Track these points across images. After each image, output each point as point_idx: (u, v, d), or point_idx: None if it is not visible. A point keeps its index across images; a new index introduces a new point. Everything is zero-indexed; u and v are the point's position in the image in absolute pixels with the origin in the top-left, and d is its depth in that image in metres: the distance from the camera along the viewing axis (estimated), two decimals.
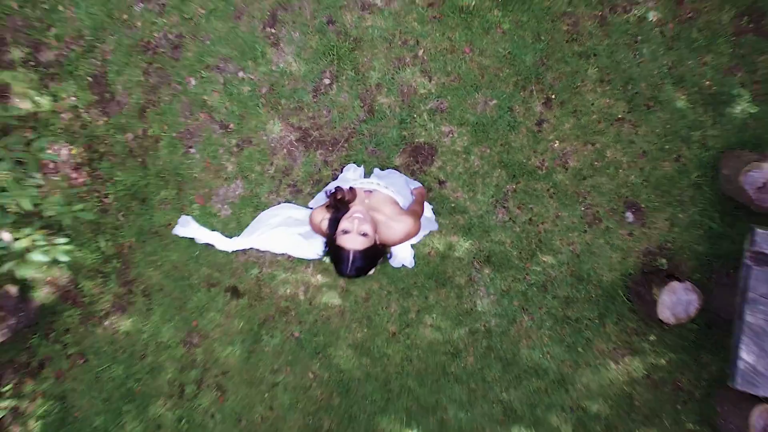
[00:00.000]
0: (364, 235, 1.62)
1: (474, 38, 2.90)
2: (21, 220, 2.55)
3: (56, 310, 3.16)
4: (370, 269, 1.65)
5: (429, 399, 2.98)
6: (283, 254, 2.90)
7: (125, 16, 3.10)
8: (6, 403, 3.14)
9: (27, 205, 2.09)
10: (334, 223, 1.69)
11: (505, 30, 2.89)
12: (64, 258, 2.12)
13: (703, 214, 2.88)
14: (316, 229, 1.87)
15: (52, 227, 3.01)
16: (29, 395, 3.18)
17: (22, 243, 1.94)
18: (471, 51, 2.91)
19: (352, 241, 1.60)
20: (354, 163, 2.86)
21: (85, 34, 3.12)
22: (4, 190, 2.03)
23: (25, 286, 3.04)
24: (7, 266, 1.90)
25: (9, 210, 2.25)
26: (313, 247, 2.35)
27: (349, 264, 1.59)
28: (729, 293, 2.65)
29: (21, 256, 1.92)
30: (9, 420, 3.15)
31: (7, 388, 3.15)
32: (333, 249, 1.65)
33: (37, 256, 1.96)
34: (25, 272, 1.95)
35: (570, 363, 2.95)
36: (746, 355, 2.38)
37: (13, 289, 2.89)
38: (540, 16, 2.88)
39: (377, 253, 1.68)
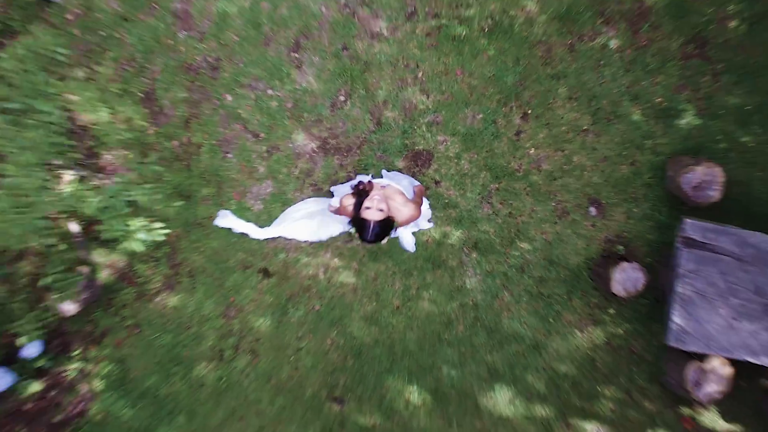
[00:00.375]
0: (381, 210, 2.28)
1: (464, 62, 3.49)
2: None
3: (115, 288, 3.78)
4: (383, 237, 2.31)
5: (426, 360, 3.61)
6: (305, 241, 3.51)
7: (171, 42, 3.69)
8: (75, 365, 3.77)
9: (146, 198, 2.69)
10: (359, 205, 2.34)
11: (490, 55, 3.48)
12: (161, 238, 2.69)
13: (653, 208, 3.48)
14: (343, 211, 2.51)
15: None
16: (93, 359, 3.81)
17: (136, 224, 2.52)
18: (462, 73, 3.50)
19: (373, 214, 2.26)
20: (364, 168, 3.47)
21: (137, 56, 3.71)
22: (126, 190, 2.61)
23: (92, 268, 3.66)
24: (125, 244, 2.48)
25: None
26: (329, 232, 3.02)
27: (370, 231, 2.25)
28: (671, 272, 3.26)
29: (131, 235, 2.51)
30: (78, 379, 3.79)
31: (75, 353, 3.78)
32: (357, 222, 2.31)
33: (141, 235, 2.54)
34: (138, 247, 2.53)
35: (543, 331, 3.57)
36: (677, 319, 3.00)
37: (85, 269, 3.51)
38: (519, 43, 3.46)
39: (389, 225, 2.34)
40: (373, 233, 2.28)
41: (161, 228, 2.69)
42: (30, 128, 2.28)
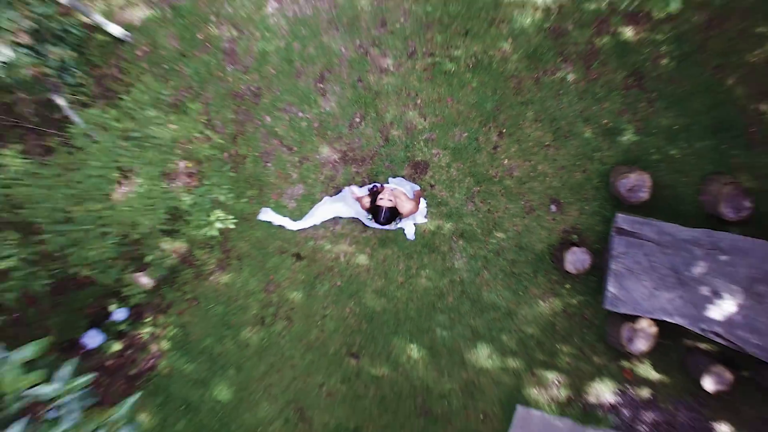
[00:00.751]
0: (390, 200, 3.29)
1: (453, 92, 4.46)
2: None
3: (178, 269, 4.78)
4: (391, 221, 3.33)
5: (423, 324, 4.62)
6: (331, 219, 4.42)
7: (221, 74, 4.66)
8: (147, 330, 4.79)
9: (224, 197, 3.67)
10: (373, 200, 3.38)
11: (474, 87, 4.45)
12: (232, 226, 3.67)
13: (600, 206, 4.47)
14: (362, 206, 3.54)
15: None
16: (161, 325, 4.83)
17: (215, 216, 3.50)
18: (451, 100, 4.47)
19: (384, 203, 3.29)
20: (375, 175, 4.46)
21: (194, 85, 4.69)
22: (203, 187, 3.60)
23: (163, 253, 4.65)
24: (204, 230, 3.45)
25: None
26: (347, 213, 4.04)
27: (382, 214, 3.29)
28: (607, 254, 4.25)
29: (212, 224, 3.49)
30: (149, 341, 4.81)
31: (147, 320, 4.80)
32: (374, 209, 3.36)
33: (218, 224, 3.51)
34: (214, 233, 3.50)
35: (514, 301, 4.58)
36: (611, 288, 4.00)
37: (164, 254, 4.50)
38: (496, 77, 4.43)
39: (395, 213, 3.38)
40: (385, 217, 3.37)
41: (232, 219, 3.66)
42: (148, 149, 3.24)
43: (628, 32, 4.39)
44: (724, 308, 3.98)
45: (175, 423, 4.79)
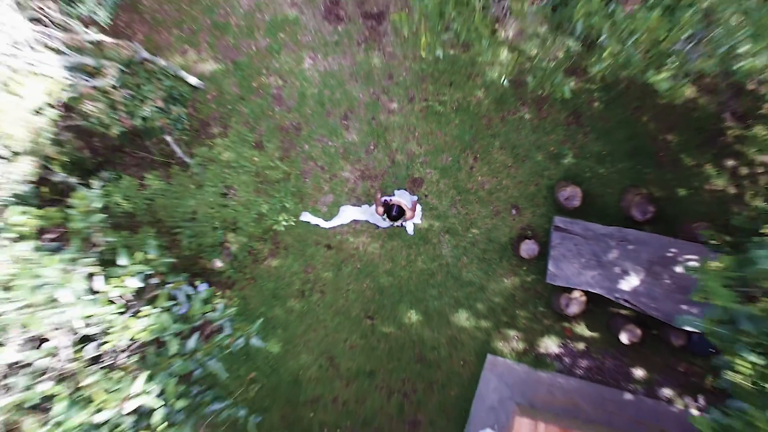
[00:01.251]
0: (398, 203, 5.03)
1: (441, 127, 6.15)
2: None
3: (239, 257, 6.53)
4: (399, 218, 5.07)
5: (420, 296, 6.37)
6: (354, 221, 6.19)
7: (270, 113, 6.36)
8: (218, 302, 6.55)
9: (288, 204, 5.46)
10: (388, 209, 5.10)
11: (456, 123, 6.13)
12: (293, 224, 5.43)
13: (547, 211, 6.17)
14: (379, 213, 5.26)
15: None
16: (227, 297, 6.59)
17: (282, 218, 5.26)
18: (440, 133, 6.16)
19: (395, 202, 5.02)
20: (385, 188, 6.19)
21: (250, 120, 6.39)
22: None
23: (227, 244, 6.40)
24: (275, 226, 5.20)
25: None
26: (366, 217, 5.77)
27: (394, 210, 5.03)
28: (549, 244, 5.97)
29: (279, 223, 5.25)
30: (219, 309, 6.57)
31: (218, 294, 6.56)
32: (387, 208, 5.08)
33: (284, 223, 5.25)
34: (280, 228, 5.27)
35: (485, 279, 6.31)
36: (551, 268, 5.72)
37: (231, 245, 6.25)
38: (473, 116, 6.11)
39: (402, 212, 5.10)
40: (396, 211, 5.10)
41: (293, 219, 5.39)
42: (242, 174, 4.96)
43: (570, 82, 6.04)
44: (631, 282, 5.70)
45: (239, 368, 6.58)
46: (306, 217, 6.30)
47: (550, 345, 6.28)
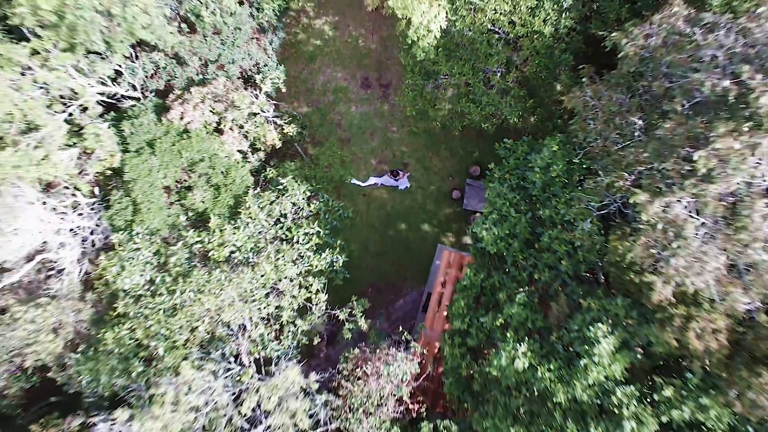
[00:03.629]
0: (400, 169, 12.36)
1: (416, 140, 13.40)
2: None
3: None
4: (399, 177, 12.40)
5: (406, 216, 13.62)
6: (378, 184, 13.32)
7: (336, 131, 13.44)
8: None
9: (347, 173, 12.51)
10: (395, 174, 12.41)
11: (423, 137, 13.39)
12: (347, 182, 12.51)
13: (464, 177, 13.55)
14: (390, 176, 12.54)
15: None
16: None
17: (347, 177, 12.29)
18: (416, 142, 13.41)
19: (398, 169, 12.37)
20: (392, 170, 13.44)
21: (326, 135, 13.44)
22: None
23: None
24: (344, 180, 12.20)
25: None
26: (383, 182, 13.07)
27: (397, 169, 12.37)
28: (465, 192, 13.32)
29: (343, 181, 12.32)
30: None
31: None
32: (394, 173, 12.40)
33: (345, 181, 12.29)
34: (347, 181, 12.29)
35: (437, 209, 13.64)
36: (465, 201, 13.11)
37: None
38: (432, 135, 13.38)
39: (397, 174, 12.43)
40: (398, 170, 12.38)
41: (348, 179, 12.48)
42: (330, 159, 12.00)
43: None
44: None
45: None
46: (353, 180, 13.40)
47: (466, 238, 13.69)
